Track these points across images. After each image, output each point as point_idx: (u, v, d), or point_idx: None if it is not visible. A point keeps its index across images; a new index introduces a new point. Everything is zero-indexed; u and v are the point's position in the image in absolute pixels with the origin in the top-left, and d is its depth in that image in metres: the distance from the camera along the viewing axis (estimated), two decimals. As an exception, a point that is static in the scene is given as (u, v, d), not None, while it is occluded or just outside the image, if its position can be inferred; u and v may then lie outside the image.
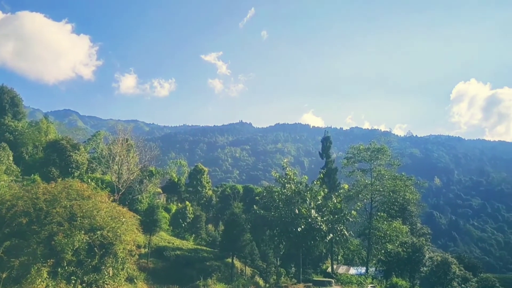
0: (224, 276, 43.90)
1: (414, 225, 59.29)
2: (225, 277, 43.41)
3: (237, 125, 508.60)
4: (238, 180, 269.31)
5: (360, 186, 53.15)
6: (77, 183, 28.03)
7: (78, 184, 27.74)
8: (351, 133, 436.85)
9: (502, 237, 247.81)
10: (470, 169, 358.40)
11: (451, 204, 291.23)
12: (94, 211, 25.18)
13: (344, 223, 45.16)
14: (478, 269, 71.58)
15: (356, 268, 55.94)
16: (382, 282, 43.12)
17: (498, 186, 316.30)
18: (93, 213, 25.01)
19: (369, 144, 54.98)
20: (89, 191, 27.33)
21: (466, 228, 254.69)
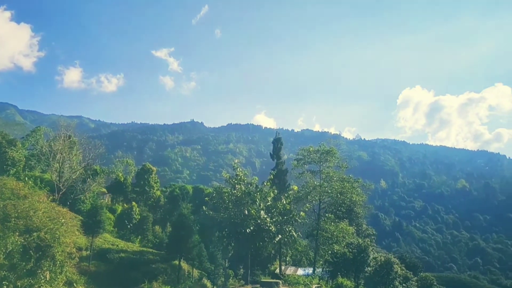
0: (170, 279, 42.88)
1: (360, 226, 60.73)
2: (171, 280, 42.40)
3: (188, 124, 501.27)
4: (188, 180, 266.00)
5: (309, 188, 53.68)
6: (12, 181, 26.20)
7: (13, 182, 25.97)
8: (302, 135, 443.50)
9: (441, 237, 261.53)
10: (413, 172, 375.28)
11: (395, 206, 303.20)
12: (31, 211, 23.60)
13: (293, 224, 45.39)
14: (418, 269, 74.72)
15: (304, 269, 56.43)
16: (328, 283, 43.65)
17: (438, 188, 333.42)
18: (29, 213, 23.44)
19: (318, 146, 55.68)
20: (26, 190, 25.65)
21: (409, 229, 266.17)
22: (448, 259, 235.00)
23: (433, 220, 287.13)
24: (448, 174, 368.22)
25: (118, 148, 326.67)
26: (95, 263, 40.15)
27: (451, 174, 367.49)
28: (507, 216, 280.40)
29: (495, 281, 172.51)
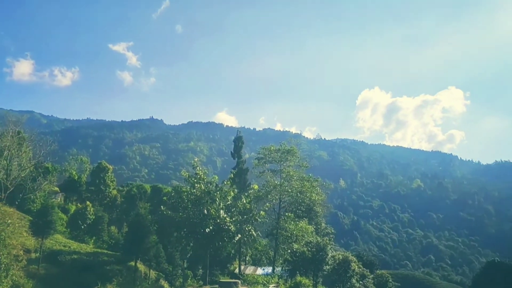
0: (126, 281, 41.46)
1: (319, 225, 61.23)
2: (127, 282, 41.01)
3: (147, 121, 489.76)
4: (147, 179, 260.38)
5: (269, 187, 53.54)
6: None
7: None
8: (264, 134, 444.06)
9: (397, 235, 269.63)
10: (371, 172, 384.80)
11: (354, 205, 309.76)
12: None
13: (253, 224, 45.06)
14: (375, 266, 76.49)
15: (263, 268, 56.25)
16: (287, 281, 43.60)
17: (395, 188, 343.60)
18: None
19: (279, 146, 55.63)
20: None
21: (366, 227, 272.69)
22: (404, 256, 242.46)
23: (389, 218, 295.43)
24: (404, 174, 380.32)
25: (72, 145, 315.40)
26: (45, 265, 38.17)
27: (407, 174, 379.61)
28: (458, 215, 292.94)
29: (447, 277, 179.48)
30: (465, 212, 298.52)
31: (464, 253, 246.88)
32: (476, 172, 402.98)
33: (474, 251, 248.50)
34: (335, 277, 54.81)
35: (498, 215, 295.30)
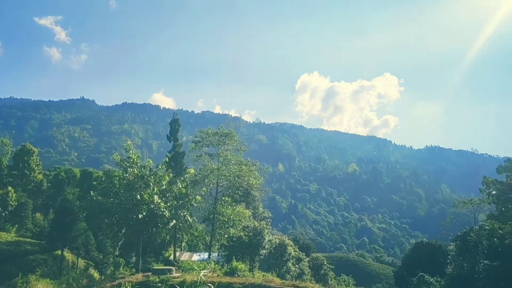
0: (51, 271, 39.06)
1: (257, 209, 61.02)
2: (52, 272, 38.59)
3: (77, 101, 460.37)
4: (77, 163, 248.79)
5: (206, 171, 52.28)
6: None
7: None
8: (203, 117, 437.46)
9: (333, 219, 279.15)
10: (310, 156, 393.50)
11: (291, 189, 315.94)
12: None
13: (189, 209, 43.72)
14: (311, 249, 78.35)
15: (199, 254, 55.31)
16: (224, 267, 42.96)
17: (332, 172, 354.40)
18: None
19: (217, 129, 54.38)
20: None
21: (304, 211, 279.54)
22: (339, 239, 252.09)
23: (326, 202, 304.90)
24: (341, 158, 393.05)
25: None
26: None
27: (343, 159, 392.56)
28: (391, 198, 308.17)
29: (379, 258, 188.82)
30: (397, 195, 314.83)
31: (395, 235, 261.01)
32: (408, 156, 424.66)
33: (405, 233, 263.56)
34: (272, 261, 55.20)
35: (427, 198, 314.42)
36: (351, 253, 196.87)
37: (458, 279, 46.03)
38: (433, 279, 51.02)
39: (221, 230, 50.36)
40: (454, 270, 49.29)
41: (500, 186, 43.69)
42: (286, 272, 54.19)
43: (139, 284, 30.93)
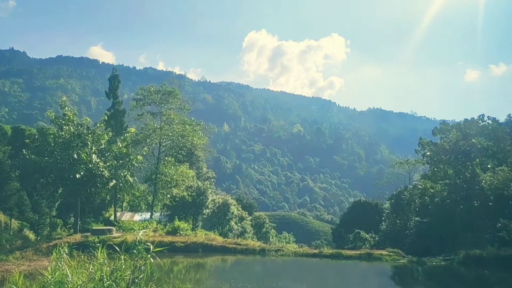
0: (-19, 233, 36.83)
1: (200, 169, 60.80)
2: (-18, 234, 36.43)
3: (6, 52, 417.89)
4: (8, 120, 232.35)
5: (148, 130, 50.85)
6: None
7: None
8: (145, 74, 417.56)
9: (276, 179, 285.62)
10: (255, 116, 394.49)
11: (236, 149, 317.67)
12: None
13: (129, 169, 42.52)
14: (254, 209, 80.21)
15: (141, 214, 54.68)
16: (166, 226, 42.81)
17: (276, 133, 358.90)
18: None
19: (160, 86, 52.59)
20: None
21: (248, 171, 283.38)
22: (282, 198, 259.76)
23: (270, 162, 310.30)
24: (286, 119, 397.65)
25: None
26: None
27: (288, 119, 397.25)
28: (333, 158, 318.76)
29: (319, 216, 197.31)
30: (339, 156, 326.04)
31: (336, 194, 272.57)
32: (351, 118, 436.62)
33: (345, 192, 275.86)
34: (215, 220, 55.93)
35: (367, 158, 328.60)
36: (293, 211, 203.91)
37: (391, 235, 49.09)
38: (368, 235, 54.05)
39: (164, 190, 49.72)
40: (387, 227, 52.52)
41: (434, 148, 45.92)
42: (228, 231, 55.13)
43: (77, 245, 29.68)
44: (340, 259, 34.96)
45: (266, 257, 34.71)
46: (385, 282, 26.55)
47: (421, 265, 32.73)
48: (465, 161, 42.56)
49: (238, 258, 34.54)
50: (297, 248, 39.24)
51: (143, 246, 8.62)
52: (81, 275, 8.85)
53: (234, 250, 35.77)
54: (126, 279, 8.57)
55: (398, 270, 31.98)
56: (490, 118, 48.11)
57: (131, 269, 8.65)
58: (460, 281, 27.30)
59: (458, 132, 44.05)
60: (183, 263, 30.01)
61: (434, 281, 28.78)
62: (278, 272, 29.38)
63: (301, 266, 33.33)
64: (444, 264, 32.99)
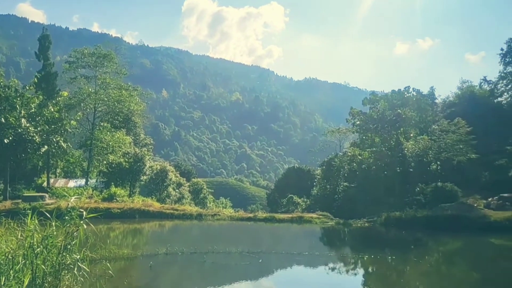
0: None
1: (138, 135, 60.02)
2: None
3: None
4: None
5: (82, 94, 49.12)
6: None
7: None
8: (79, 35, 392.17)
9: (215, 146, 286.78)
10: (195, 83, 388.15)
11: (175, 116, 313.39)
12: None
13: (63, 134, 41.28)
14: (192, 175, 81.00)
15: (76, 181, 53.49)
16: (102, 193, 42.45)
17: (216, 100, 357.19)
18: None
19: (94, 49, 50.63)
20: None
21: (187, 138, 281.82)
22: (220, 165, 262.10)
23: (209, 130, 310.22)
24: (225, 87, 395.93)
25: None
26: None
27: (227, 87, 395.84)
28: (270, 126, 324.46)
29: (256, 182, 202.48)
30: (276, 124, 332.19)
31: (272, 161, 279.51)
32: (288, 87, 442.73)
33: (280, 159, 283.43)
34: (153, 186, 56.19)
35: (302, 127, 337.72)
36: (230, 178, 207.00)
37: (321, 199, 52.11)
38: (301, 199, 57.05)
39: (100, 156, 48.74)
40: (318, 192, 55.57)
41: (363, 117, 48.38)
42: (166, 197, 55.63)
43: (6, 212, 29.16)
44: (273, 222, 36.78)
45: (203, 221, 35.72)
46: (314, 242, 28.50)
47: (347, 226, 35.37)
48: (391, 130, 45.70)
49: (175, 223, 35.22)
50: (233, 212, 40.68)
51: (76, 212, 8.71)
52: (10, 242, 8.58)
53: (171, 215, 36.42)
54: (58, 246, 8.47)
55: (326, 232, 34.28)
56: (415, 90, 50.97)
57: (63, 236, 8.60)
58: (380, 241, 29.83)
59: (385, 102, 46.84)
60: (120, 229, 30.20)
61: (357, 240, 31.35)
62: (214, 236, 30.39)
63: (236, 229, 34.69)
64: (367, 225, 35.83)
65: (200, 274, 16.65)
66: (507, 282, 16.80)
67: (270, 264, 18.86)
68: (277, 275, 17.71)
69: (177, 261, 18.37)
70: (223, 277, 16.06)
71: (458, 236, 29.64)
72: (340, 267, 19.82)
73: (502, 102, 68.86)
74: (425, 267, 19.60)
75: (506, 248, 26.68)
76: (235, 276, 16.18)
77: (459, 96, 67.09)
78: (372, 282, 17.03)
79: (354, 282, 17.03)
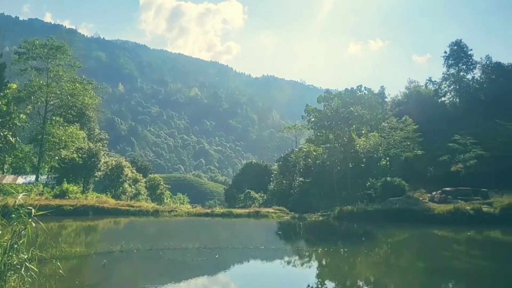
0: None
1: (92, 130, 58.56)
2: None
3: None
4: None
5: (33, 87, 47.28)
6: None
7: None
8: (31, 25, 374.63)
9: (173, 141, 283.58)
10: (152, 78, 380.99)
11: (132, 111, 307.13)
12: None
13: (11, 128, 39.60)
14: (149, 171, 79.90)
15: (25, 177, 51.45)
16: (54, 189, 41.19)
17: (174, 95, 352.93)
18: None
19: (46, 40, 48.81)
20: None
21: (144, 133, 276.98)
22: (178, 161, 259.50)
23: (167, 125, 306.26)
24: (184, 82, 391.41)
25: None
26: None
27: (186, 82, 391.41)
28: (228, 122, 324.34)
29: (214, 178, 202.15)
30: (234, 120, 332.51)
31: (230, 157, 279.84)
32: (247, 84, 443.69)
33: (238, 155, 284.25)
34: (108, 182, 55.06)
35: (260, 123, 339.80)
36: (188, 173, 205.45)
37: (278, 194, 53.13)
38: (258, 194, 57.78)
39: (51, 151, 47.14)
40: (275, 187, 56.56)
41: (318, 114, 49.51)
42: (122, 193, 54.70)
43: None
44: (230, 217, 37.10)
45: (160, 218, 35.49)
46: (270, 237, 28.98)
47: (302, 220, 36.27)
48: (344, 127, 47.19)
49: (131, 220, 34.78)
50: (190, 208, 40.60)
51: (24, 210, 8.46)
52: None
53: (127, 212, 35.91)
54: (3, 245, 8.16)
55: (282, 226, 34.95)
56: (367, 88, 52.72)
57: (10, 235, 8.28)
58: (334, 234, 30.78)
59: (339, 100, 48.15)
60: (72, 226, 29.39)
61: (312, 234, 32.20)
62: (171, 232, 30.28)
63: (193, 225, 34.69)
64: (321, 219, 36.88)
65: (156, 271, 16.55)
66: (448, 270, 17.88)
67: (227, 259, 18.98)
68: (233, 269, 17.84)
69: (132, 259, 18.04)
70: (180, 273, 16.05)
71: (405, 228, 31.21)
72: (295, 260, 20.30)
73: (445, 101, 73.82)
74: (375, 258, 20.44)
75: (447, 239, 28.26)
76: (192, 272, 16.16)
77: (407, 95, 71.39)
78: (326, 274, 17.58)
79: (309, 275, 17.46)
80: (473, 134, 53.26)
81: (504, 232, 28.81)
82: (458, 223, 30.86)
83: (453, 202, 35.05)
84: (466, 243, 26.51)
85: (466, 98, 70.89)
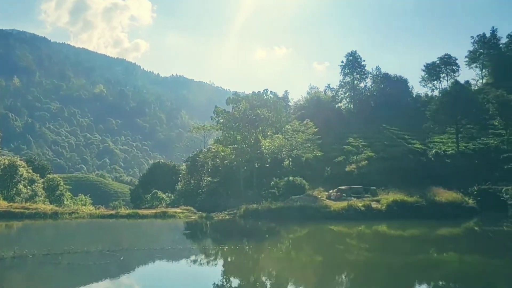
0: None
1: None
2: None
3: None
4: None
5: None
6: None
7: None
8: None
9: (75, 140, 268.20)
10: (53, 72, 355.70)
11: (29, 107, 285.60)
12: None
13: None
14: (47, 171, 75.03)
15: None
16: None
17: (77, 91, 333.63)
18: None
19: None
20: None
21: (42, 131, 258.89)
22: (80, 160, 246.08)
23: (68, 122, 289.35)
24: (88, 78, 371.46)
25: None
26: None
27: (90, 78, 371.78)
28: (135, 121, 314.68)
29: (119, 178, 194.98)
30: (141, 119, 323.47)
31: (136, 156, 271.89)
32: (155, 83, 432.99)
33: (145, 154, 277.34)
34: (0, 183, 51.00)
35: (168, 123, 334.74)
36: (91, 173, 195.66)
37: (185, 194, 53.22)
38: (165, 194, 57.29)
39: None
40: (183, 186, 56.51)
41: (227, 116, 50.68)
42: (16, 195, 51.30)
43: None
44: (136, 218, 36.55)
45: (59, 220, 33.96)
46: (177, 237, 29.15)
47: (209, 219, 36.93)
48: (251, 128, 48.98)
49: (26, 223, 32.92)
50: (93, 210, 39.26)
51: None
52: None
53: (21, 215, 33.92)
54: None
55: (189, 225, 35.29)
56: (272, 92, 55.50)
57: None
58: (239, 232, 31.81)
59: (246, 103, 49.71)
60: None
61: (219, 232, 32.97)
62: (71, 235, 29.10)
63: (96, 227, 33.68)
64: (228, 218, 37.89)
65: (54, 276, 15.94)
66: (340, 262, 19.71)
67: (131, 261, 18.80)
68: (138, 272, 17.70)
69: (26, 265, 17.12)
70: (80, 278, 15.42)
71: (305, 224, 33.38)
72: (201, 259, 20.81)
73: (341, 107, 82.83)
74: (277, 254, 21.76)
75: (342, 234, 30.88)
76: (93, 276, 15.70)
77: (308, 100, 77.96)
78: (231, 271, 18.28)
79: (214, 272, 18.06)
80: (364, 137, 60.21)
81: (389, 225, 32.18)
82: (351, 218, 33.96)
83: (347, 199, 38.29)
84: (357, 237, 29.16)
85: (359, 104, 79.97)
